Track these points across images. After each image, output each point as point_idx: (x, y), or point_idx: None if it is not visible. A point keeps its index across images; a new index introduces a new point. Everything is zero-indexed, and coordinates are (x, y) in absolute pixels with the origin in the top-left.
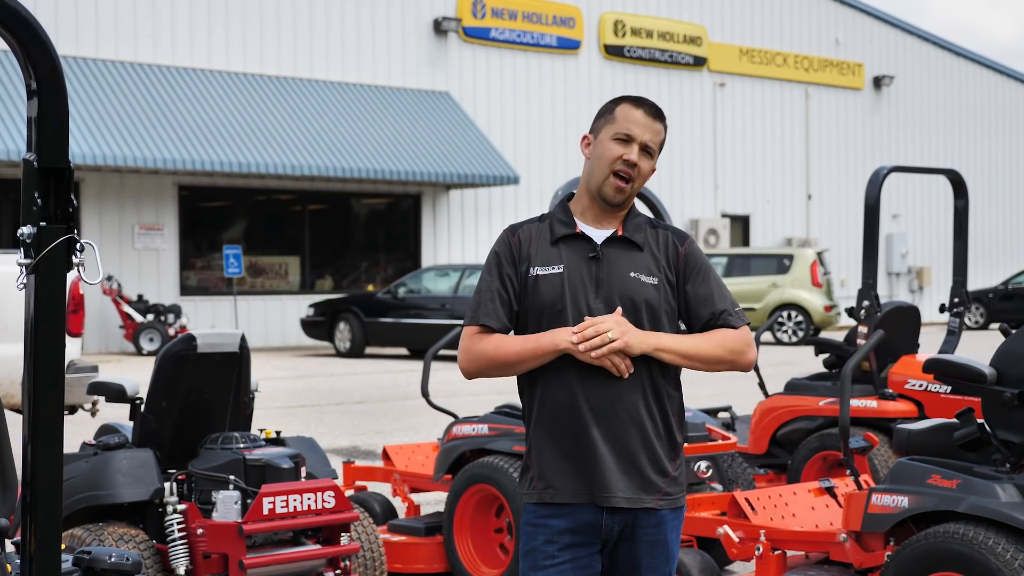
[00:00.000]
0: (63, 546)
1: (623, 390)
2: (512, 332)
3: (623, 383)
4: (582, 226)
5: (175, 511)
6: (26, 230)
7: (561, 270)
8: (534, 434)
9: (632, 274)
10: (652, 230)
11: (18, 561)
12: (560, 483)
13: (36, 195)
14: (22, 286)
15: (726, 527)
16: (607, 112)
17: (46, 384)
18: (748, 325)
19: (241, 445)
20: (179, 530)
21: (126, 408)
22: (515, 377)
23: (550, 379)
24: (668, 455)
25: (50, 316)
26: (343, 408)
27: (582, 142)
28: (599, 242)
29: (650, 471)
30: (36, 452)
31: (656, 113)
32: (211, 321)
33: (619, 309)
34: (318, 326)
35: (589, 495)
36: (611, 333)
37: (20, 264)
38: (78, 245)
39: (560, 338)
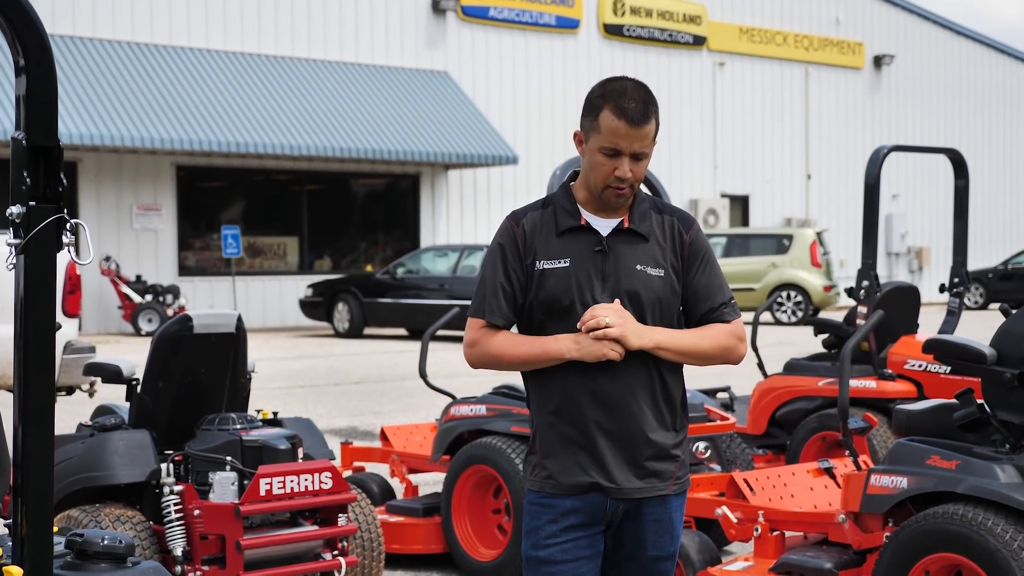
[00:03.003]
0: (56, 528)
1: (630, 380)
2: (515, 325)
3: (630, 373)
4: (587, 216)
5: (172, 492)
6: (15, 210)
7: (567, 264)
8: (539, 423)
9: (638, 267)
10: (658, 215)
11: (10, 543)
12: (564, 474)
13: (25, 174)
14: (12, 266)
15: (724, 508)
16: (592, 113)
17: (37, 365)
18: (739, 318)
19: (238, 426)
20: (176, 511)
21: (123, 389)
22: None
23: (557, 369)
24: (675, 441)
25: (40, 296)
26: (341, 389)
27: (574, 138)
28: (605, 234)
29: (659, 459)
30: (27, 433)
31: (641, 118)
32: (210, 302)
33: (617, 301)
34: (316, 306)
35: (596, 486)
36: (609, 319)
37: (9, 244)
38: (68, 225)
39: (565, 348)
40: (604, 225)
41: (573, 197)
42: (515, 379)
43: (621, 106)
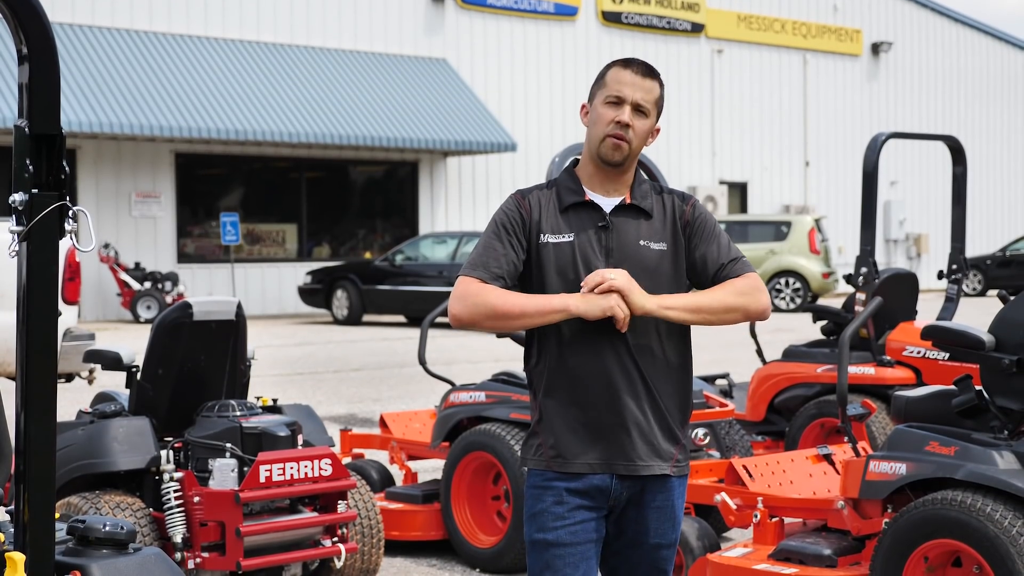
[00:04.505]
0: (58, 515)
1: (637, 359)
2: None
3: (637, 353)
4: (590, 194)
5: (172, 479)
6: (18, 197)
7: (572, 239)
8: (544, 403)
9: (641, 242)
10: (657, 196)
11: (12, 530)
12: (571, 452)
13: (28, 162)
14: (14, 254)
15: (724, 494)
16: (599, 78)
17: (38, 352)
18: (754, 272)
19: (238, 413)
20: (176, 498)
21: (123, 376)
22: (523, 345)
23: (563, 348)
24: (679, 422)
25: (42, 284)
26: (340, 376)
27: (581, 111)
28: (608, 210)
29: (663, 438)
30: (29, 420)
31: (646, 71)
32: (208, 289)
33: (624, 271)
34: (315, 294)
35: (601, 465)
36: (613, 275)
37: (12, 232)
38: (71, 212)
39: (571, 302)
40: (607, 202)
41: (576, 177)
42: (514, 365)
43: (627, 62)
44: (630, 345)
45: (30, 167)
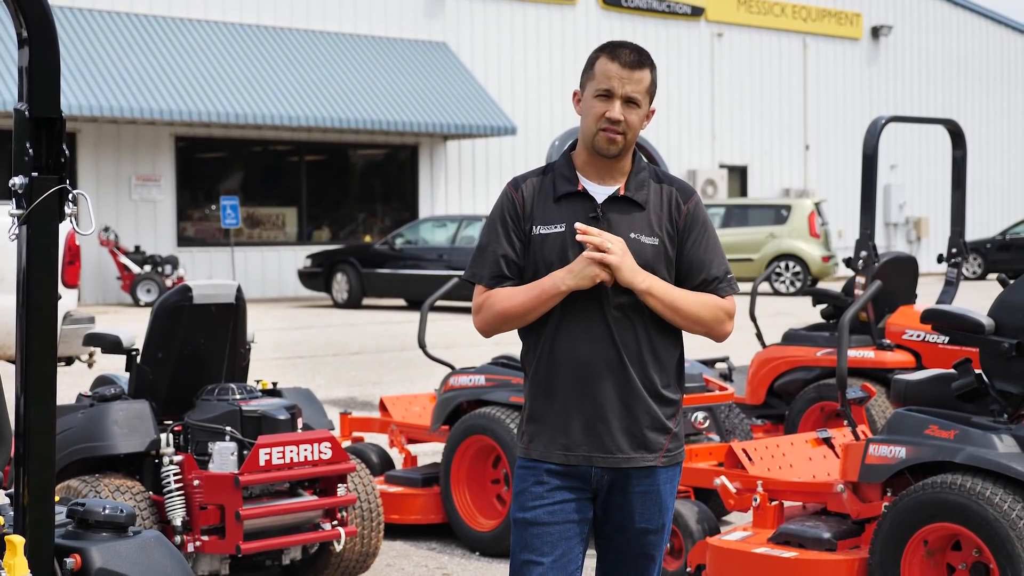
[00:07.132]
0: (57, 498)
1: (625, 347)
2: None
3: (625, 341)
4: (585, 182)
5: (171, 462)
6: (18, 180)
7: (562, 229)
8: (530, 391)
9: (632, 235)
10: (657, 184)
11: (12, 513)
12: (551, 443)
13: (28, 145)
14: (14, 237)
15: (723, 478)
16: (589, 67)
17: (38, 335)
18: (735, 295)
19: (237, 396)
20: (175, 481)
21: (122, 359)
22: (516, 332)
23: (549, 337)
24: (668, 412)
25: (42, 267)
26: (340, 359)
27: (573, 98)
28: (600, 201)
29: (650, 429)
30: (28, 403)
31: (635, 62)
32: (208, 272)
33: (622, 241)
34: (315, 277)
35: (578, 456)
36: (611, 246)
37: (12, 215)
38: (70, 195)
39: (559, 279)
40: (600, 192)
41: (573, 164)
42: (514, 349)
43: (614, 52)
44: (615, 335)
45: (30, 150)
